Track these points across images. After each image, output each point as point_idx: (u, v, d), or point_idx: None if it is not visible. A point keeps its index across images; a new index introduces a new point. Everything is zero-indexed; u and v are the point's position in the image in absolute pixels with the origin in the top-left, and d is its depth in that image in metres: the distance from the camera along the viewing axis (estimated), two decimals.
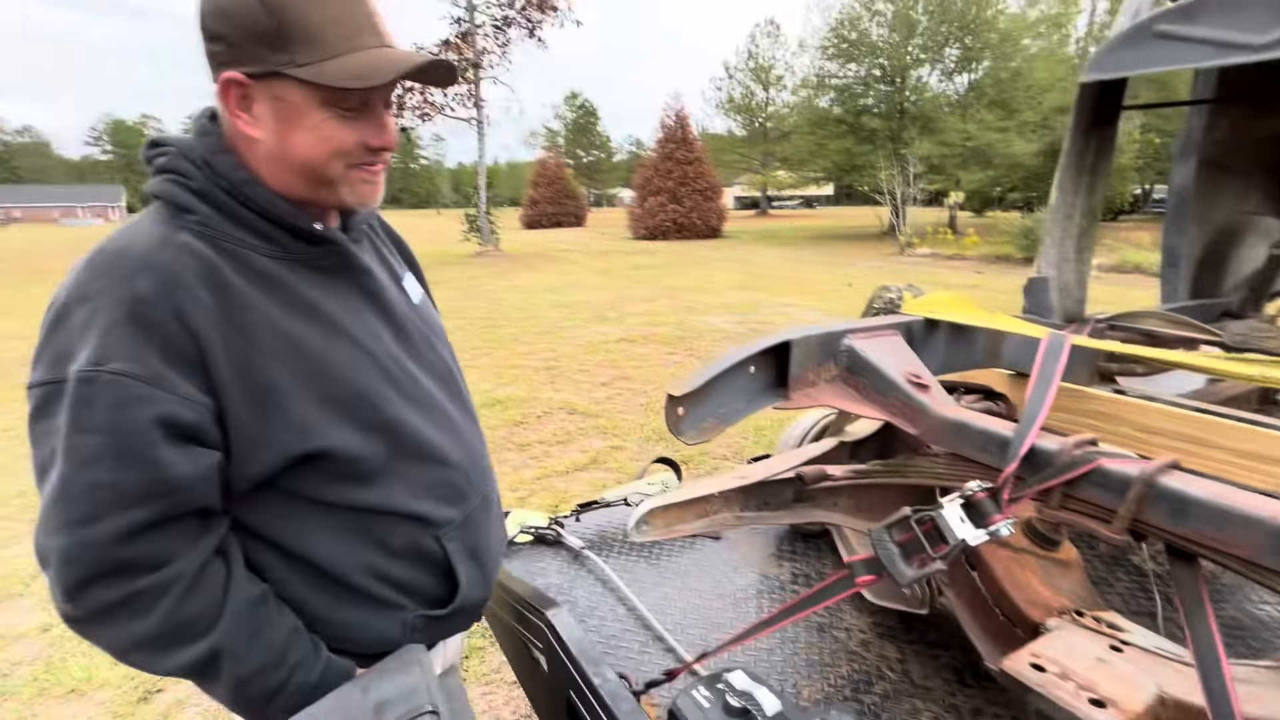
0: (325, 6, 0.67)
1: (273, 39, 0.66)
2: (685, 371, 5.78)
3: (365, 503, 0.77)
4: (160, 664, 0.69)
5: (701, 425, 0.91)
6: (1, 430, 4.58)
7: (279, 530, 0.75)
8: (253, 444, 0.69)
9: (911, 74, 24.28)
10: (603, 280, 12.83)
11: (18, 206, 77.37)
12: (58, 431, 0.63)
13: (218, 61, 0.69)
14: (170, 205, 0.71)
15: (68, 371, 0.63)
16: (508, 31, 18.72)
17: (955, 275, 13.23)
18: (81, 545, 0.63)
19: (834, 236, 25.75)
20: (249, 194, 0.71)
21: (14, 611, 2.51)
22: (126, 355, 0.62)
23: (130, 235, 0.69)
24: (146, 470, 0.63)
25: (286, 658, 0.73)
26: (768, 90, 45.67)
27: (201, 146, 0.71)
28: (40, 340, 0.66)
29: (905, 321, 1.14)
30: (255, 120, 0.70)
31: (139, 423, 0.63)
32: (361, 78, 0.68)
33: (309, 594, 0.77)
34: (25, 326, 8.62)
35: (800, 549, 1.59)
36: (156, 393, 0.63)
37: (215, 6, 0.67)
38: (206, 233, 0.70)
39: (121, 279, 0.64)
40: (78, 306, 0.64)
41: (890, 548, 0.79)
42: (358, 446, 0.75)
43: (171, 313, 0.64)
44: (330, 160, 0.72)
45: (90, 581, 0.64)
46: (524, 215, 39.13)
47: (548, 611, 1.03)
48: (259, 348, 0.69)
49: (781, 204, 65.35)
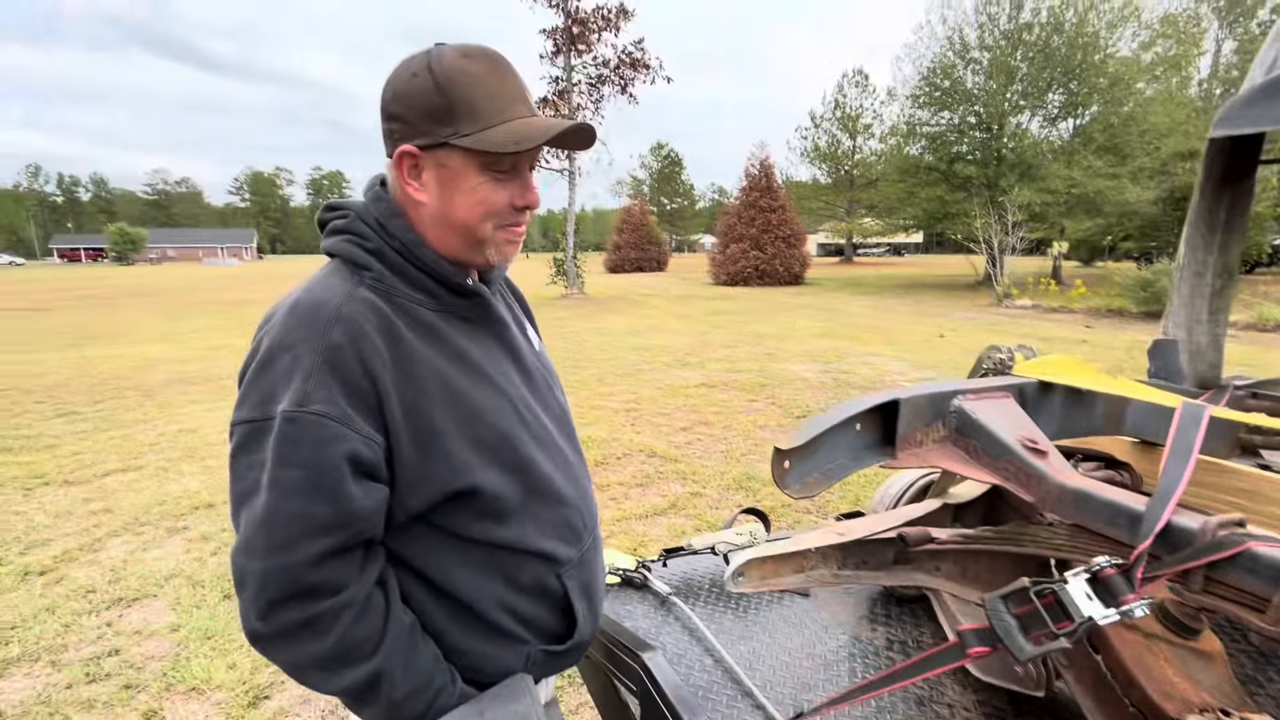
0: (484, 84, 0.76)
1: (442, 115, 0.75)
2: (771, 420, 5.69)
3: (501, 539, 0.82)
4: (329, 684, 0.74)
5: (807, 480, 0.92)
6: (148, 444, 5.14)
7: (425, 562, 0.81)
8: (415, 480, 0.76)
9: (1010, 120, 23.41)
10: (683, 325, 12.94)
11: (172, 246, 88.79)
12: (262, 465, 0.70)
13: (394, 138, 0.78)
14: (349, 263, 0.81)
15: (274, 411, 0.70)
16: (601, 89, 19.80)
17: (1060, 329, 12.34)
18: (279, 569, 0.69)
19: (924, 285, 24.81)
20: (418, 254, 0.80)
21: (150, 610, 2.79)
22: (324, 398, 0.70)
23: (322, 290, 0.77)
24: (335, 503, 0.70)
25: (432, 683, 0.77)
26: (855, 138, 45.44)
27: (376, 210, 0.81)
28: (246, 382, 0.74)
29: (1017, 383, 1.10)
30: (423, 187, 0.79)
31: (333, 459, 0.70)
32: (515, 142, 0.76)
33: (447, 624, 0.82)
34: (175, 352, 9.74)
35: (895, 614, 1.52)
36: (347, 432, 0.71)
37: (396, 93, 0.77)
38: (380, 288, 0.79)
39: (319, 330, 0.72)
40: (282, 353, 0.72)
41: (1007, 620, 0.75)
42: (500, 485, 0.81)
43: (358, 360, 0.72)
44: (483, 221, 0.80)
45: (281, 603, 0.70)
46: (608, 260, 40.40)
47: (644, 654, 1.04)
48: (424, 392, 0.77)
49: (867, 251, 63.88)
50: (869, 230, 40.15)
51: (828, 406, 1.29)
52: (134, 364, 8.75)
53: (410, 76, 0.76)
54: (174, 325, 13.45)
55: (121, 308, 17.75)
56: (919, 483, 1.52)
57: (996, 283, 18.17)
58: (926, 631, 1.49)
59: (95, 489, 4.17)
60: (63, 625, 2.66)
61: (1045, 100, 23.08)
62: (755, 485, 4.11)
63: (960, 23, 23.97)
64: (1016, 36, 22.31)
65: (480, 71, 0.76)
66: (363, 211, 0.82)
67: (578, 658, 0.95)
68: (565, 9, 18.62)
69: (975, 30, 23.59)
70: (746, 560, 1.03)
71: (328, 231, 0.85)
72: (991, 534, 0.99)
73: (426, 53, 0.78)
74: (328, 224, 0.85)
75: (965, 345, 10.00)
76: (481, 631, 0.84)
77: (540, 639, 0.88)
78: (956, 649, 0.80)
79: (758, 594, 1.62)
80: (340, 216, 0.84)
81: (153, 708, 2.18)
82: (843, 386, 7.06)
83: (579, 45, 18.95)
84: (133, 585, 2.97)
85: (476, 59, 0.77)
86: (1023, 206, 19.76)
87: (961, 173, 23.11)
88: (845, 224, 43.64)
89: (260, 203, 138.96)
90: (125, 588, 2.94)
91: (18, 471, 4.48)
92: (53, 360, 9.13)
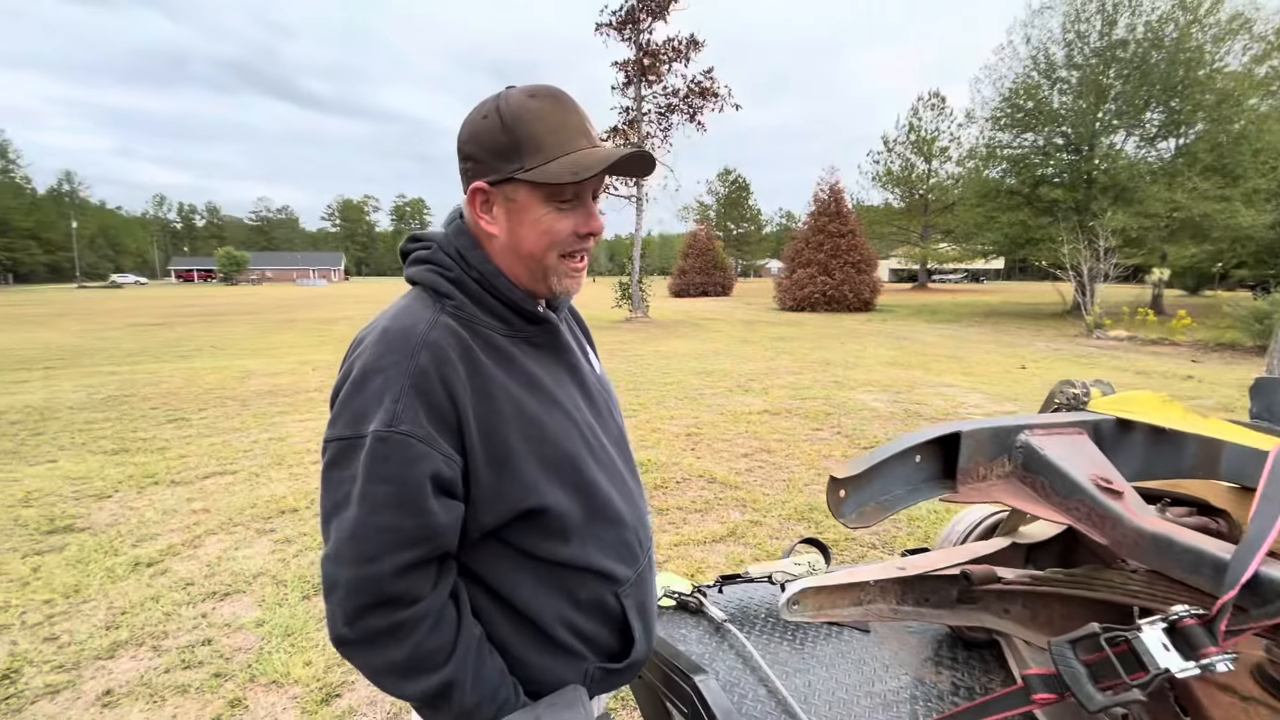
0: (545, 121, 0.80)
1: (508, 152, 0.80)
2: (835, 450, 5.54)
3: (564, 557, 0.86)
4: (404, 689, 0.78)
5: (863, 510, 0.91)
6: (242, 451, 5.56)
7: (494, 578, 0.85)
8: (490, 498, 0.80)
9: (1102, 141, 22.11)
10: (747, 350, 12.83)
11: (270, 268, 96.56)
12: (353, 480, 0.75)
13: (469, 176, 0.84)
14: (431, 290, 0.87)
15: (365, 430, 0.75)
16: (670, 117, 20.21)
17: (1160, 363, 11.40)
18: (366, 578, 0.74)
19: (1004, 314, 23.57)
20: (495, 284, 0.85)
21: (239, 605, 3.00)
22: (410, 419, 0.75)
23: (408, 317, 0.82)
24: (419, 517, 0.75)
25: (498, 694, 0.81)
26: (929, 162, 44.13)
27: (458, 243, 0.87)
28: (340, 402, 0.79)
29: (1093, 420, 1.05)
30: (494, 220, 0.84)
31: (418, 477, 0.74)
32: (574, 173, 0.79)
33: (512, 638, 0.86)
34: (268, 366, 10.52)
35: (963, 658, 1.45)
36: (430, 451, 0.75)
37: (469, 134, 0.83)
38: (460, 315, 0.84)
39: (407, 354, 0.77)
40: (374, 376, 0.77)
41: (1075, 666, 0.72)
42: (564, 505, 0.84)
43: (441, 384, 0.77)
44: (549, 250, 0.84)
45: (367, 610, 0.74)
46: (672, 284, 40.68)
47: (696, 677, 1.05)
48: (499, 414, 0.81)
49: (943, 278, 61.41)
50: (945, 256, 38.67)
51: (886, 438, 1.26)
52: (234, 375, 9.51)
53: (481, 118, 0.82)
54: (268, 340, 14.55)
55: (225, 324, 19.37)
56: (988, 520, 1.46)
57: (1086, 312, 17.04)
58: (996, 679, 1.42)
59: (197, 490, 4.55)
60: (164, 614, 2.91)
61: (1142, 119, 21.71)
62: (818, 516, 4.01)
63: (1046, 41, 23.00)
64: (1109, 54, 21.17)
65: (543, 109, 0.81)
66: (444, 243, 0.88)
67: (632, 676, 0.97)
68: (637, 42, 19.22)
69: (1063, 49, 22.56)
70: (802, 588, 1.03)
71: (411, 261, 0.91)
72: (1063, 576, 0.94)
73: (497, 95, 0.83)
74: (411, 254, 0.92)
75: (1049, 378, 9.40)
76: (544, 646, 0.87)
77: (598, 656, 0.90)
78: (1021, 694, 0.77)
79: (815, 627, 1.58)
80: (424, 248, 0.90)
81: (238, 696, 2.34)
82: (913, 418, 6.79)
83: (649, 76, 19.46)
84: (225, 580, 3.21)
85: (541, 98, 0.81)
86: (1116, 231, 18.52)
87: (1047, 196, 21.99)
88: (919, 249, 42.19)
89: (349, 228, 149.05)
90: (219, 582, 3.19)
91: (133, 471, 4.95)
92: (167, 370, 10.06)
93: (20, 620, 2.84)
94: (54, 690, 2.38)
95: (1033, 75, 23.31)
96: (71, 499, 4.36)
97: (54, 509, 4.17)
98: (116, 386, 8.58)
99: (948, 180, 42.33)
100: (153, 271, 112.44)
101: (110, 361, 11.10)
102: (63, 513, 4.11)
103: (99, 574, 3.27)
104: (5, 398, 7.81)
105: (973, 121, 27.77)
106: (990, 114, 24.77)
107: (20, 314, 24.21)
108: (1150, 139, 22.43)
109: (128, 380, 9.10)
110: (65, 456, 5.36)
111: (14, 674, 2.46)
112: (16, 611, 2.91)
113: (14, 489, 4.54)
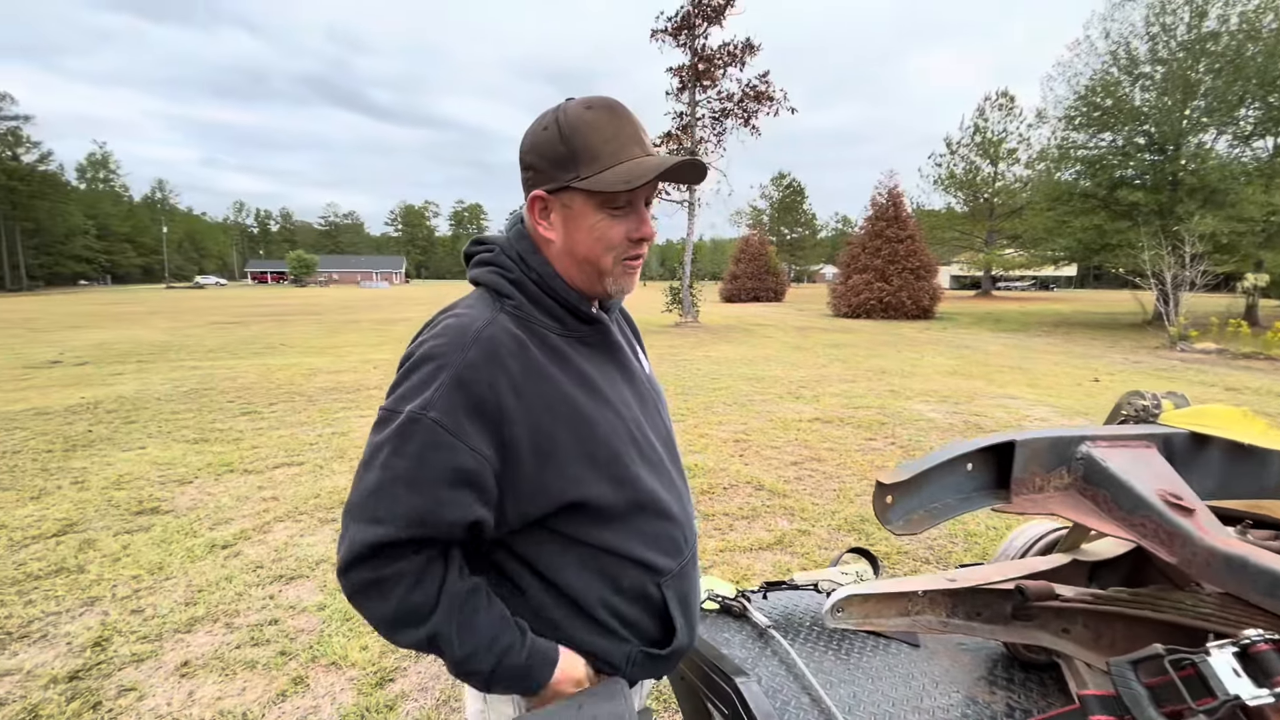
0: (600, 131, 0.84)
1: (565, 161, 0.84)
2: (890, 461, 5.38)
3: (606, 545, 0.89)
4: (398, 639, 0.85)
5: (910, 517, 0.89)
6: (308, 444, 5.86)
7: (542, 561, 0.89)
8: (534, 490, 0.84)
9: (1189, 140, 20.65)
10: (799, 357, 12.61)
11: (336, 271, 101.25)
12: (383, 448, 0.81)
13: (529, 185, 0.89)
14: (493, 291, 0.92)
15: (403, 408, 0.81)
16: (724, 122, 20.10)
17: (1255, 379, 10.54)
18: (365, 536, 0.80)
19: (1077, 324, 22.31)
20: (553, 285, 0.90)
21: (303, 589, 3.17)
22: (444, 408, 0.79)
23: (470, 313, 0.88)
24: (426, 501, 0.79)
25: (496, 643, 0.84)
26: (996, 165, 42.32)
27: (519, 246, 0.92)
28: (397, 378, 0.85)
29: (1162, 433, 0.99)
30: (551, 226, 0.89)
31: (437, 464, 0.79)
32: (626, 181, 0.83)
33: (562, 617, 0.90)
34: (332, 364, 11.05)
35: (1020, 679, 1.39)
36: (456, 443, 0.79)
37: (530, 145, 0.88)
38: (518, 314, 0.89)
39: (460, 347, 0.82)
40: (426, 362, 0.83)
41: (1136, 688, 0.69)
42: (607, 498, 0.88)
43: (487, 380, 0.81)
44: (604, 254, 0.88)
45: (358, 561, 0.81)
46: (723, 289, 40.42)
47: (738, 680, 1.05)
48: (548, 410, 0.85)
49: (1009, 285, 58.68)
50: (1011, 262, 36.91)
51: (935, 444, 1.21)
52: (302, 372, 10.04)
53: (542, 129, 0.86)
54: (333, 340, 15.27)
55: (294, 323, 20.46)
56: (1048, 536, 1.40)
57: (1169, 322, 15.93)
58: (1056, 703, 1.35)
59: (267, 479, 4.82)
60: (236, 594, 3.10)
61: (1235, 116, 20.17)
62: (869, 528, 3.90)
63: (1127, 35, 21.69)
64: (1199, 47, 19.77)
65: (598, 119, 0.84)
66: (506, 246, 0.94)
67: (674, 665, 0.99)
68: (693, 47, 19.23)
69: (1146, 43, 21.22)
70: (847, 595, 1.01)
71: (475, 263, 0.97)
72: (1127, 596, 0.90)
73: (557, 108, 0.88)
74: (474, 256, 0.98)
75: (1124, 392, 8.84)
76: (590, 626, 0.91)
77: (641, 641, 0.94)
78: (1077, 714, 0.75)
79: (862, 639, 1.55)
80: (487, 250, 0.96)
81: (300, 674, 2.48)
82: (973, 430, 6.51)
83: (704, 81, 19.43)
84: (291, 565, 3.39)
85: (596, 109, 0.85)
86: (1205, 236, 17.24)
87: (1126, 199, 20.70)
88: (984, 255, 40.44)
89: (410, 233, 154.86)
90: (285, 567, 3.37)
91: (211, 459, 5.30)
92: (242, 366, 10.71)
93: (111, 593, 3.09)
94: (139, 659, 2.57)
95: (1112, 71, 22.00)
96: (158, 483, 4.70)
97: (142, 492, 4.51)
98: (198, 380, 9.20)
99: (1015, 183, 40.47)
100: (231, 273, 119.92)
101: (193, 357, 11.90)
102: (150, 496, 4.44)
103: (180, 554, 3.52)
104: (103, 389, 8.49)
105: (1044, 121, 26.42)
106: (1064, 113, 23.53)
107: (119, 311, 26.28)
108: (1245, 137, 20.81)
109: (208, 375, 9.74)
110: (153, 444, 5.78)
111: (105, 642, 2.68)
112: (108, 585, 3.16)
113: (108, 472, 4.94)
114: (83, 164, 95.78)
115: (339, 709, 2.29)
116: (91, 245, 73.62)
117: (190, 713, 2.26)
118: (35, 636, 2.72)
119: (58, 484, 4.67)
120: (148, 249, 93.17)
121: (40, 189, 61.28)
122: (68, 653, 2.60)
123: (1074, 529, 1.18)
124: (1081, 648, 1.04)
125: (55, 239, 65.65)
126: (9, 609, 2.93)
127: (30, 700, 2.30)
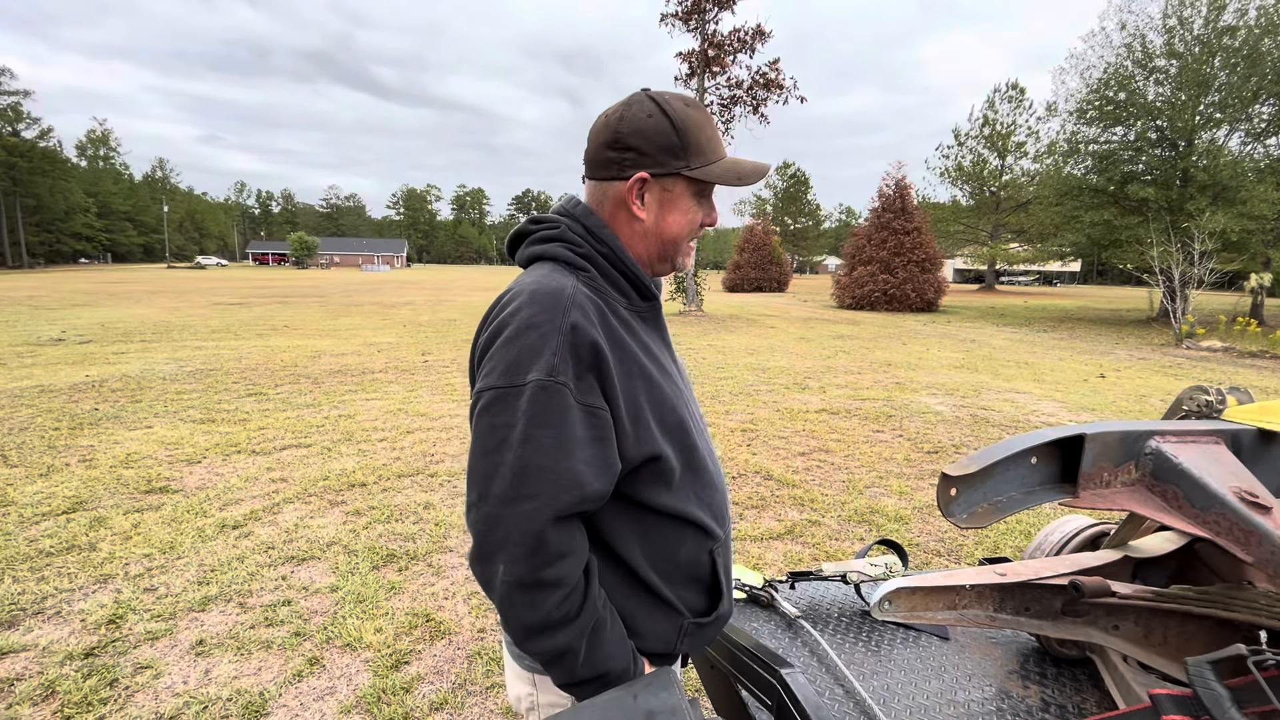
0: (704, 130, 0.92)
1: (677, 150, 0.90)
2: (898, 454, 5.37)
3: (670, 508, 0.90)
4: (526, 646, 0.82)
5: (975, 510, 0.87)
6: (315, 426, 5.84)
7: (607, 530, 0.89)
8: (624, 448, 0.85)
9: (1201, 136, 20.45)
10: (803, 347, 12.58)
11: (337, 254, 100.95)
12: (512, 426, 0.78)
13: (625, 164, 0.91)
14: (563, 264, 0.91)
15: (523, 380, 0.79)
16: (733, 109, 19.91)
17: (1261, 377, 10.52)
18: (526, 516, 0.77)
19: (1081, 319, 22.26)
20: (624, 258, 0.93)
21: (315, 570, 3.17)
22: (566, 371, 0.79)
23: (555, 282, 0.87)
24: (576, 465, 0.79)
25: (614, 668, 0.84)
26: (1004, 158, 42.02)
27: (588, 223, 0.93)
28: (493, 354, 0.83)
29: (1231, 430, 0.97)
30: (644, 206, 0.93)
31: (575, 426, 0.79)
32: (738, 177, 0.93)
33: (617, 589, 0.90)
34: (336, 346, 11.02)
35: (1052, 674, 1.38)
36: (586, 402, 0.81)
37: (635, 129, 0.89)
38: (592, 285, 0.90)
39: (560, 312, 0.82)
40: (530, 330, 0.81)
41: (1216, 688, 0.67)
42: (675, 460, 0.90)
43: (589, 341, 0.82)
44: (684, 236, 0.96)
45: (527, 556, 0.77)
46: (726, 278, 40.28)
47: (782, 670, 1.03)
48: (631, 375, 0.87)
49: (1013, 279, 58.46)
50: (1015, 256, 36.79)
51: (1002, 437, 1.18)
52: (306, 354, 10.02)
53: (646, 117, 0.90)
54: (336, 323, 15.23)
55: (297, 305, 20.41)
56: (1087, 531, 1.38)
57: (1176, 319, 15.88)
58: (1090, 699, 1.34)
59: (275, 460, 4.82)
60: (249, 574, 3.10)
61: (1249, 113, 19.96)
62: (879, 520, 3.90)
63: (1143, 28, 21.39)
64: (1215, 41, 19.51)
65: (701, 119, 0.93)
66: (570, 224, 0.94)
67: (715, 633, 1.01)
68: (703, 32, 19.00)
69: (1162, 35, 20.93)
70: (896, 588, 1.00)
71: (535, 240, 0.96)
72: (1193, 594, 0.88)
73: (650, 98, 0.91)
74: (532, 234, 0.97)
75: (1131, 388, 8.83)
76: (646, 599, 0.92)
77: (690, 613, 0.96)
78: (1149, 713, 0.73)
79: (892, 630, 1.54)
80: (550, 227, 0.96)
81: (315, 655, 2.48)
82: (980, 424, 6.50)
83: (714, 67, 19.22)
84: (302, 547, 3.39)
85: (696, 109, 0.93)
86: (1215, 234, 17.14)
87: (1136, 195, 20.53)
88: (988, 249, 40.28)
89: (412, 216, 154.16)
90: (296, 548, 3.37)
91: (219, 440, 5.29)
92: (246, 347, 10.69)
93: (123, 571, 3.09)
94: (153, 637, 2.57)
95: (1126, 64, 21.74)
96: (166, 462, 4.70)
97: (150, 471, 4.50)
98: (202, 361, 9.18)
99: (1022, 177, 40.20)
100: (232, 254, 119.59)
101: (196, 337, 11.88)
102: (158, 475, 4.43)
103: (191, 533, 3.52)
104: (108, 367, 8.47)
105: (1054, 115, 26.20)
106: (1076, 106, 23.27)
107: (121, 290, 26.21)
108: (1258, 134, 20.62)
109: (212, 355, 9.72)
110: (159, 423, 5.77)
111: (119, 620, 2.68)
112: (120, 563, 3.16)
113: (116, 450, 4.93)
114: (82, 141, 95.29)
115: (356, 690, 2.29)
116: (92, 223, 73.39)
117: (208, 691, 2.26)
118: (50, 613, 2.72)
119: (65, 461, 4.66)
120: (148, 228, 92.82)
121: (41, 165, 60.89)
122: (82, 629, 2.60)
123: (1124, 525, 1.16)
124: (1131, 644, 1.03)
125: (56, 216, 65.40)
126: (22, 585, 2.93)
127: (48, 676, 2.30)
